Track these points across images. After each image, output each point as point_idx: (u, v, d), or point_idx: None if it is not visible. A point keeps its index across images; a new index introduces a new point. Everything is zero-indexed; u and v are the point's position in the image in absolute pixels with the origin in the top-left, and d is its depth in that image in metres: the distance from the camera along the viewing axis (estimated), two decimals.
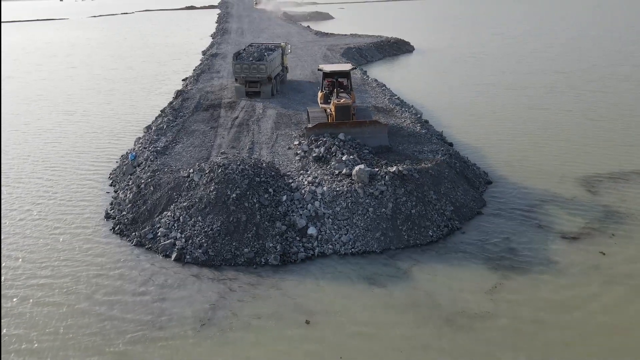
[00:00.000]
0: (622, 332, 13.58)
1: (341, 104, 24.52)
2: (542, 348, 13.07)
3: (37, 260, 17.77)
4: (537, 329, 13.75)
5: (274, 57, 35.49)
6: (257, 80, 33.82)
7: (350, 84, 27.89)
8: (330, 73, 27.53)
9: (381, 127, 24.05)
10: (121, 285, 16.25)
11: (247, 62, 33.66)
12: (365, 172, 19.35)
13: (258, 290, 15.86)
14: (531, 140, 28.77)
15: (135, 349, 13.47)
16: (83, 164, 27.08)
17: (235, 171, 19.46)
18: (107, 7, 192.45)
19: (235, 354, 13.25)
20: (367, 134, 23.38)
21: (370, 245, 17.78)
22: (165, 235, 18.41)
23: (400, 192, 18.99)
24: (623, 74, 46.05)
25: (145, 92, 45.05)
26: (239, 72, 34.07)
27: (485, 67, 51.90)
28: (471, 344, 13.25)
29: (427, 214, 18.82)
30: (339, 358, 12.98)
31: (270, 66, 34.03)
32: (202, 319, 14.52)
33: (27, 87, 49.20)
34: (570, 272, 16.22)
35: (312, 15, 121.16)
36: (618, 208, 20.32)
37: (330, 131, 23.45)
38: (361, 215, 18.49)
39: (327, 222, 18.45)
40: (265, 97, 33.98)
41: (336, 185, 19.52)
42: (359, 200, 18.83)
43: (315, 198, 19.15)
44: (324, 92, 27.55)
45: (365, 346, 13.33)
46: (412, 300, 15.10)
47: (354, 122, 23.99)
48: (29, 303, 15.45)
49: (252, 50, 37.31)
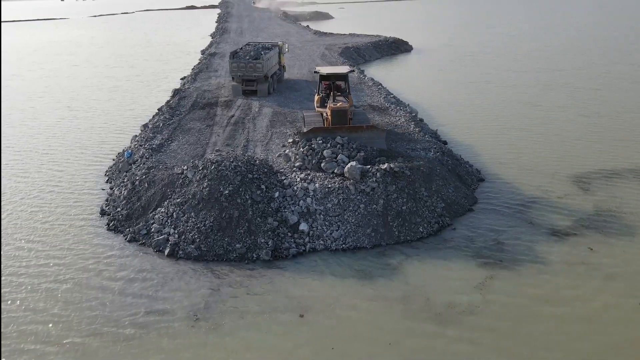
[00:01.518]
0: (603, 326, 13.77)
1: (337, 107, 23.76)
2: (529, 341, 13.25)
3: (30, 256, 17.97)
4: (524, 322, 13.93)
5: (270, 55, 35.62)
6: (253, 78, 34.04)
7: (347, 87, 27.11)
8: (327, 76, 26.69)
9: (379, 132, 22.86)
10: (114, 280, 16.44)
11: (244, 61, 33.93)
12: (357, 169, 19.53)
13: (251, 285, 16.06)
14: (525, 138, 28.94)
15: (132, 344, 13.61)
16: (81, 161, 27.30)
17: (228, 168, 19.66)
18: (107, 6, 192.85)
19: (230, 347, 13.41)
20: (364, 139, 22.20)
21: (361, 241, 17.97)
22: (158, 231, 18.60)
23: (391, 189, 19.17)
24: (618, 72, 46.19)
25: (147, 90, 45.24)
26: (236, 71, 34.31)
27: (481, 65, 52.03)
28: (460, 337, 13.43)
29: (417, 211, 19.00)
30: (331, 349, 13.21)
31: (266, 65, 34.19)
32: (197, 313, 14.70)
33: (33, 84, 49.67)
34: (557, 268, 16.39)
35: (311, 15, 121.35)
36: (609, 205, 20.48)
37: (325, 136, 22.20)
38: (352, 212, 18.68)
39: (318, 219, 18.64)
40: (262, 96, 34.19)
41: (328, 182, 19.71)
42: (350, 197, 19.01)
43: (307, 194, 19.34)
44: (320, 95, 26.68)
45: (357, 339, 13.52)
46: (403, 294, 15.29)
47: (351, 127, 22.90)
48: (21, 294, 15.68)
49: (249, 49, 37.52)
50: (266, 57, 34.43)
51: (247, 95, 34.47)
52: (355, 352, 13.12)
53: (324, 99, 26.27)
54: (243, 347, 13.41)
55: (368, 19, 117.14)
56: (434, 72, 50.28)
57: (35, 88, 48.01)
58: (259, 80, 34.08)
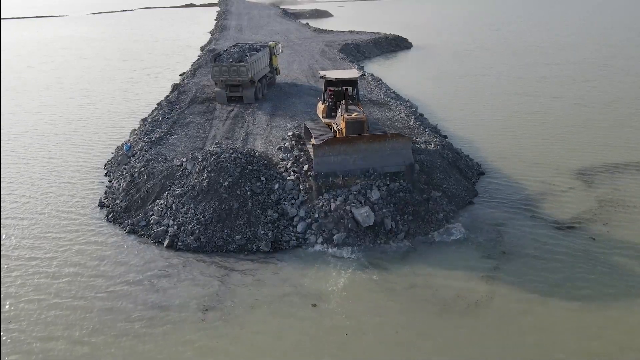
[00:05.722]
0: (604, 316, 13.71)
1: (353, 119, 20.02)
2: (535, 332, 13.19)
3: (30, 247, 17.87)
4: (529, 313, 13.90)
5: (257, 57, 32.20)
6: (238, 83, 30.76)
7: (357, 93, 23.19)
8: (336, 81, 22.48)
9: (405, 141, 19.52)
10: (117, 272, 16.34)
11: (227, 64, 30.60)
12: (371, 216, 17.85)
13: (257, 275, 15.99)
14: (525, 132, 28.88)
15: (142, 336, 13.49)
16: (79, 154, 27.19)
17: (228, 159, 19.55)
18: (105, 4, 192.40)
19: (244, 337, 13.32)
20: (387, 151, 19.16)
21: (361, 240, 17.68)
22: (157, 223, 18.49)
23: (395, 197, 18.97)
24: (619, 67, 46.14)
25: (146, 85, 45.10)
26: (218, 75, 30.85)
27: (480, 61, 51.94)
28: (468, 327, 13.42)
29: (422, 206, 18.83)
30: (345, 334, 13.31)
31: (252, 68, 30.81)
32: (206, 304, 14.58)
33: (44, 75, 50.95)
34: (561, 259, 16.31)
35: (311, 13, 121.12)
36: (612, 198, 20.40)
37: (344, 148, 18.92)
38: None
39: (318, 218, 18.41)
40: (248, 102, 30.98)
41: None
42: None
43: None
44: (326, 104, 22.72)
45: (365, 328, 13.54)
46: (410, 284, 15.26)
47: (372, 135, 19.43)
48: (22, 289, 15.56)
49: (234, 50, 34.41)
50: (251, 60, 31.04)
51: (233, 102, 31.19)
52: (364, 341, 13.09)
53: (330, 108, 22.63)
54: (257, 337, 13.32)
55: (367, 16, 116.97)
56: (433, 68, 50.18)
57: (44, 81, 47.95)
58: (244, 85, 30.73)
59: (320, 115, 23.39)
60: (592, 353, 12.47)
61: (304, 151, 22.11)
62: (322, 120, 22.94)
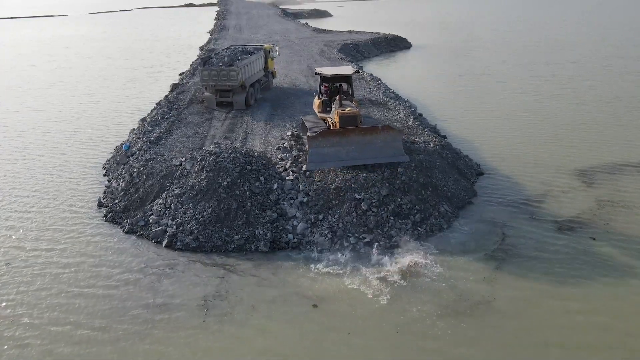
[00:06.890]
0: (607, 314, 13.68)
1: (347, 113, 21.07)
2: (535, 332, 13.15)
3: (28, 247, 17.82)
4: (530, 313, 13.87)
5: (249, 61, 30.63)
6: (228, 88, 29.49)
7: (351, 89, 24.42)
8: (331, 77, 23.77)
9: (395, 133, 20.24)
10: (115, 272, 16.29)
11: (216, 68, 29.36)
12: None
13: (257, 275, 15.95)
14: (524, 132, 28.84)
15: (143, 339, 13.42)
16: (77, 154, 27.13)
17: (227, 159, 19.51)
18: (105, 4, 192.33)
19: (245, 336, 13.30)
20: (379, 143, 19.84)
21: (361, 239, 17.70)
22: (156, 222, 18.45)
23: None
24: (619, 66, 46.13)
25: (145, 85, 45.04)
26: (207, 80, 29.76)
27: (479, 62, 51.90)
28: (471, 328, 13.40)
29: (420, 206, 18.81)
30: (347, 334, 13.29)
31: (243, 72, 29.40)
32: (206, 304, 14.55)
33: (48, 75, 50.68)
34: (562, 259, 16.28)
35: (310, 13, 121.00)
36: (612, 198, 20.37)
37: (337, 140, 19.74)
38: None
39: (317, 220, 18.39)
40: (238, 108, 29.56)
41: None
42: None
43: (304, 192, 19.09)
44: (321, 99, 23.98)
45: (367, 327, 13.53)
46: (410, 285, 15.21)
47: (364, 128, 20.36)
48: (20, 290, 15.50)
49: (225, 54, 32.96)
50: (242, 63, 29.53)
51: (223, 107, 30.01)
52: (365, 339, 13.10)
53: (325, 103, 23.83)
54: (258, 337, 13.29)
55: (366, 16, 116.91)
56: (432, 68, 50.14)
57: (47, 79, 47.94)
58: (235, 90, 29.48)
59: (316, 110, 24.50)
60: (593, 353, 12.42)
61: (303, 151, 22.06)
62: (318, 115, 24.08)
